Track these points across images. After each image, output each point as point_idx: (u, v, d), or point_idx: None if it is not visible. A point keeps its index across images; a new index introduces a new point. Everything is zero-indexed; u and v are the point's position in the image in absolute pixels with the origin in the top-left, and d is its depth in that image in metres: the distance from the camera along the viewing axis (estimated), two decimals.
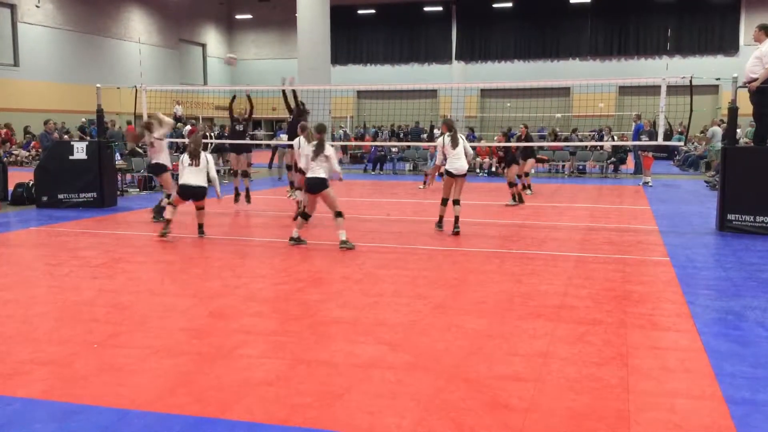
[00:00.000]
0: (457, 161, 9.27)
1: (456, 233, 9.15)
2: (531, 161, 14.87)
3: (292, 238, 8.44)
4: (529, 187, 14.62)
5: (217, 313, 5.41)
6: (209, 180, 9.00)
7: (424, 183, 13.35)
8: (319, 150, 8.20)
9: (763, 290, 6.14)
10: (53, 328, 5.06)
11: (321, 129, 8.47)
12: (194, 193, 8.87)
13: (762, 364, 4.26)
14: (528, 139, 15.98)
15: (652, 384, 3.92)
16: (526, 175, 14.70)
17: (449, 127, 9.46)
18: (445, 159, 9.37)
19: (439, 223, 9.58)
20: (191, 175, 8.83)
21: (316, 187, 8.20)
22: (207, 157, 8.99)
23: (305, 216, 8.49)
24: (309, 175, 8.28)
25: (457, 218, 9.29)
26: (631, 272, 6.91)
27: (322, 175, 8.18)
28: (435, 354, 4.44)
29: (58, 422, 3.45)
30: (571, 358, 4.34)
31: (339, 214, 8.22)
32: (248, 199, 11.92)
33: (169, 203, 9.15)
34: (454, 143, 9.26)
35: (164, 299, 5.90)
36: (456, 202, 9.37)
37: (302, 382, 3.95)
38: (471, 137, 20.89)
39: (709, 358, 4.34)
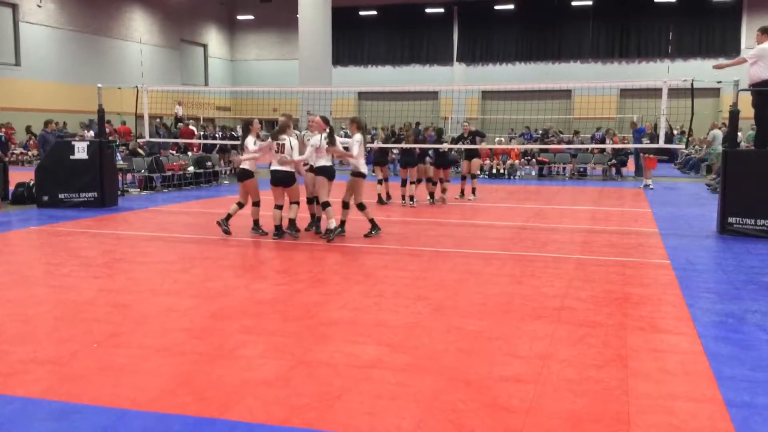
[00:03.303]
0: None
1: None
2: (476, 161, 14.25)
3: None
4: (473, 192, 13.95)
5: (218, 314, 5.41)
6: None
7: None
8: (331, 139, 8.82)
9: (763, 293, 6.14)
10: (53, 327, 5.06)
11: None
12: (281, 179, 8.67)
13: (762, 367, 4.25)
14: (475, 136, 14.02)
15: (652, 386, 3.92)
16: (473, 177, 14.02)
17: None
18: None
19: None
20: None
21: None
22: (292, 143, 8.68)
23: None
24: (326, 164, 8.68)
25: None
26: (631, 275, 6.90)
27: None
28: (435, 355, 4.44)
29: (58, 421, 3.45)
30: (571, 360, 4.34)
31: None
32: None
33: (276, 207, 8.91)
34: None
35: (164, 299, 5.90)
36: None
37: (302, 382, 3.95)
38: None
39: (709, 361, 4.33)
